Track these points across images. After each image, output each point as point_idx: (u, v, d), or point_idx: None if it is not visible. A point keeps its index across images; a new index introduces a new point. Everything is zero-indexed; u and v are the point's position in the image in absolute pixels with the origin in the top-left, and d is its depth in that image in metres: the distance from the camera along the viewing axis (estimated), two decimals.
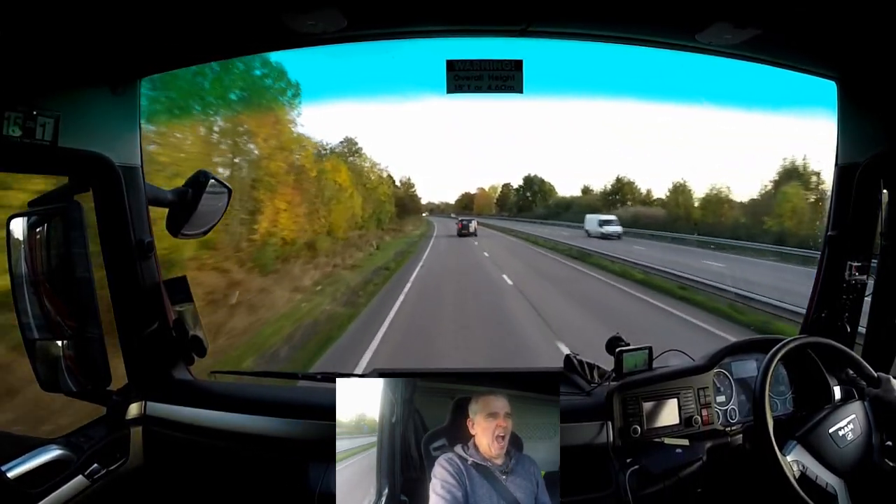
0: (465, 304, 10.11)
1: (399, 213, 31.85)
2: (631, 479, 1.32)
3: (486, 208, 62.54)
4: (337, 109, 43.59)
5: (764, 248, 17.08)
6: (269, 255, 11.07)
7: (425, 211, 53.12)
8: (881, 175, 1.50)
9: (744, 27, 1.27)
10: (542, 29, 1.43)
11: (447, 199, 65.55)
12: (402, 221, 32.72)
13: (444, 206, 63.36)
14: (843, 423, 1.33)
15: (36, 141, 1.14)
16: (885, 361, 1.58)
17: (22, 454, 1.18)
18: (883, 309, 1.58)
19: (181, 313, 1.55)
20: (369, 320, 8.83)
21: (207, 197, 1.48)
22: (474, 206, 65.01)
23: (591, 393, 1.54)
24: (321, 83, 24.92)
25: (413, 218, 34.66)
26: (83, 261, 1.21)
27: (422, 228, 35.66)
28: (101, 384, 1.29)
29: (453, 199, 65.75)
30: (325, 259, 14.23)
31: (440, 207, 61.23)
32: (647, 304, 10.11)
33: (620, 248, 19.39)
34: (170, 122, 7.93)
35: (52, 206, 1.24)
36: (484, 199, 65.84)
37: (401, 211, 33.06)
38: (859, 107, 1.52)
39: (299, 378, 1.75)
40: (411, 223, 33.95)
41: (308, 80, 25.90)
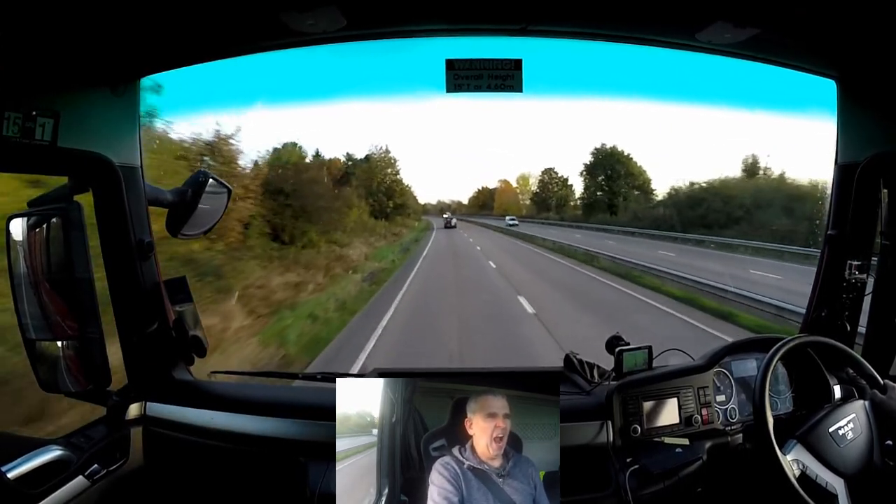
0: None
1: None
2: (631, 479, 1.32)
3: (512, 207, 47.34)
4: (337, 110, 43.86)
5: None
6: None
7: (433, 211, 51.03)
8: (881, 175, 1.50)
9: (744, 26, 1.27)
10: (542, 28, 1.43)
11: (457, 198, 59.09)
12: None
13: (456, 205, 56.51)
14: (843, 423, 1.33)
15: (35, 141, 1.14)
16: (885, 361, 1.58)
17: (22, 454, 1.18)
18: (883, 308, 1.58)
19: (181, 313, 1.55)
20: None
21: (207, 197, 1.49)
22: (495, 205, 52.78)
23: (590, 392, 1.54)
24: (321, 83, 24.94)
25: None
26: (83, 261, 1.21)
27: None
28: (100, 384, 1.29)
29: (466, 197, 58.23)
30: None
31: (451, 207, 55.40)
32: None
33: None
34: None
35: (51, 207, 1.24)
36: (508, 195, 51.38)
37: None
38: (859, 106, 1.52)
39: (299, 378, 1.75)
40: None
41: (308, 79, 25.95)
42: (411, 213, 35.15)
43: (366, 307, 9.95)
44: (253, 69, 12.42)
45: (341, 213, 17.54)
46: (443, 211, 52.11)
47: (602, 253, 16.80)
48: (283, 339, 7.30)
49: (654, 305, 9.64)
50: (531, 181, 49.14)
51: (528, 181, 49.46)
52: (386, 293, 11.42)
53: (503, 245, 24.54)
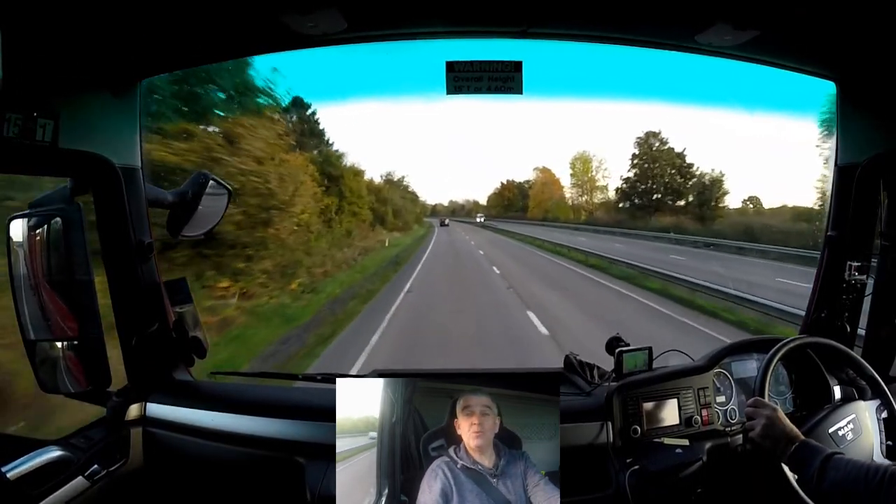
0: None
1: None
2: (631, 479, 1.32)
3: (560, 209, 31.37)
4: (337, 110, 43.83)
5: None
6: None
7: (444, 213, 48.58)
8: (880, 176, 1.50)
9: (744, 28, 1.27)
10: (542, 30, 1.43)
11: (473, 196, 53.89)
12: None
13: (472, 205, 50.47)
14: (842, 423, 1.33)
15: (36, 142, 1.14)
16: (885, 361, 1.58)
17: (22, 455, 1.19)
18: (883, 309, 1.58)
19: (181, 314, 1.55)
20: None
21: (207, 198, 1.49)
22: (530, 205, 36.55)
23: (590, 393, 1.54)
24: (321, 84, 24.99)
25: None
26: (83, 262, 1.21)
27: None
28: (100, 385, 1.29)
29: (484, 196, 50.97)
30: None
31: (465, 208, 50.86)
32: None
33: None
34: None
35: (52, 208, 1.24)
36: (551, 190, 33.99)
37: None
38: (859, 107, 1.52)
39: (299, 379, 1.75)
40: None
41: (308, 81, 25.97)
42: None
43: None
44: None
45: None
46: (454, 212, 50.72)
47: None
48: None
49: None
50: (594, 164, 30.02)
51: (589, 165, 30.38)
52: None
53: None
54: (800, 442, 1.15)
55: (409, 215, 32.55)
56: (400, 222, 28.27)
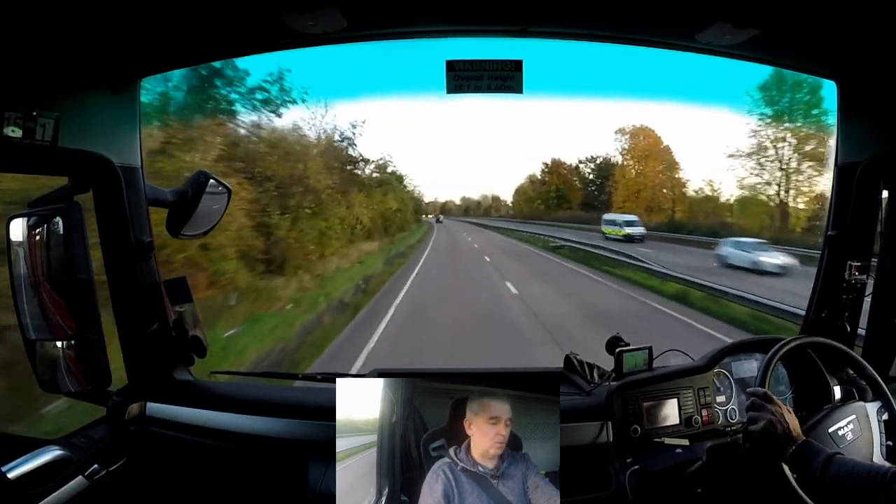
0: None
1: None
2: (631, 479, 1.32)
3: (659, 214, 21.93)
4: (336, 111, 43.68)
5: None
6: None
7: (456, 212, 48.98)
8: (881, 175, 1.50)
9: (744, 27, 1.27)
10: (542, 29, 1.43)
11: (493, 192, 52.71)
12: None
13: (492, 202, 49.13)
14: (843, 423, 1.33)
15: (36, 141, 1.14)
16: (885, 361, 1.57)
17: (22, 454, 1.18)
18: (883, 309, 1.58)
19: (181, 314, 1.54)
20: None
21: (207, 197, 1.49)
22: (614, 197, 24.25)
23: (591, 393, 1.53)
24: (321, 84, 24.96)
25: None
26: (83, 261, 1.21)
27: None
28: (100, 385, 1.29)
29: (510, 192, 49.53)
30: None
31: (481, 206, 50.61)
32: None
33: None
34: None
35: (52, 207, 1.24)
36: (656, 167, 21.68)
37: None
38: (859, 107, 1.52)
39: (299, 378, 1.75)
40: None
41: (309, 80, 25.97)
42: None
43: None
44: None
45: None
46: (468, 210, 52.05)
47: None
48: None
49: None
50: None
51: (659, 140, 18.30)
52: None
53: None
54: (801, 442, 1.15)
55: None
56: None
